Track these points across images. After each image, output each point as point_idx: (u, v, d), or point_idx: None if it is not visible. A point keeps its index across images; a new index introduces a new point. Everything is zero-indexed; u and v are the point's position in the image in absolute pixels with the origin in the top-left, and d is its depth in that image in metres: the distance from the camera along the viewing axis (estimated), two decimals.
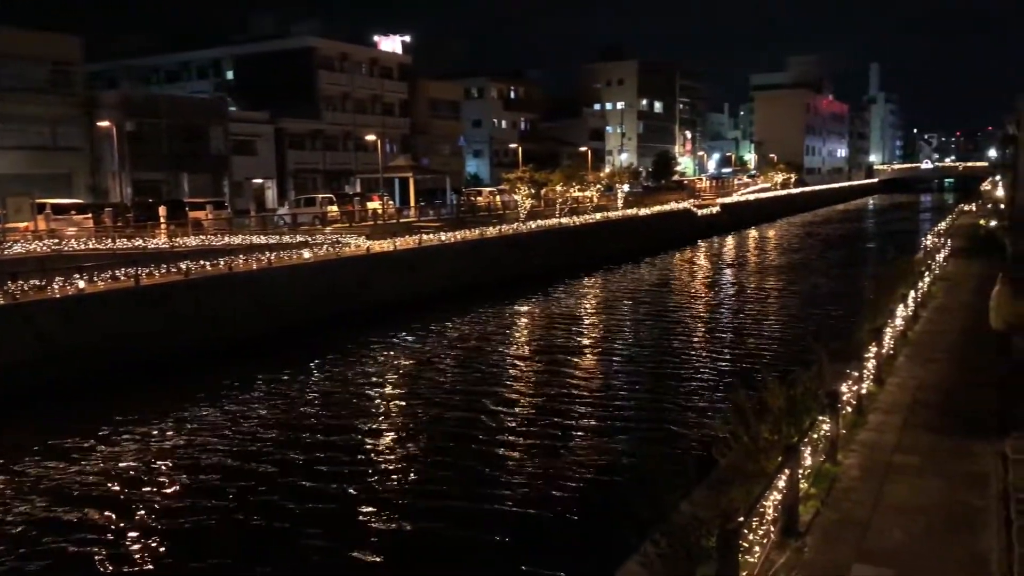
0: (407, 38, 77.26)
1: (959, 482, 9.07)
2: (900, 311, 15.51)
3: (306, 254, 30.43)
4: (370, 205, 48.59)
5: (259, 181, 60.30)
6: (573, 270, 41.19)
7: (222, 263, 26.92)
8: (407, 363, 23.44)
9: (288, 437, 16.66)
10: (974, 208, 53.83)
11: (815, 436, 8.76)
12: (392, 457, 15.49)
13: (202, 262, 26.52)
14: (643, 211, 57.19)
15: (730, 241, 61.93)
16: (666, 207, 61.46)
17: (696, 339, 25.88)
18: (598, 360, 23.32)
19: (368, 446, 16.08)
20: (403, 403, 19.51)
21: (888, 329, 13.95)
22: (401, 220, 46.52)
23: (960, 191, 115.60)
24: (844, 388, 10.27)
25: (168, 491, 14.03)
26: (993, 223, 34.45)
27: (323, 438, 16.56)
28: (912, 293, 17.26)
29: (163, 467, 15.19)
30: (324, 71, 66.66)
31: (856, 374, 10.95)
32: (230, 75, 70.71)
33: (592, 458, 14.84)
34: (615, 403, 18.60)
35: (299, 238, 34.92)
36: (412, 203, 53.78)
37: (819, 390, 9.47)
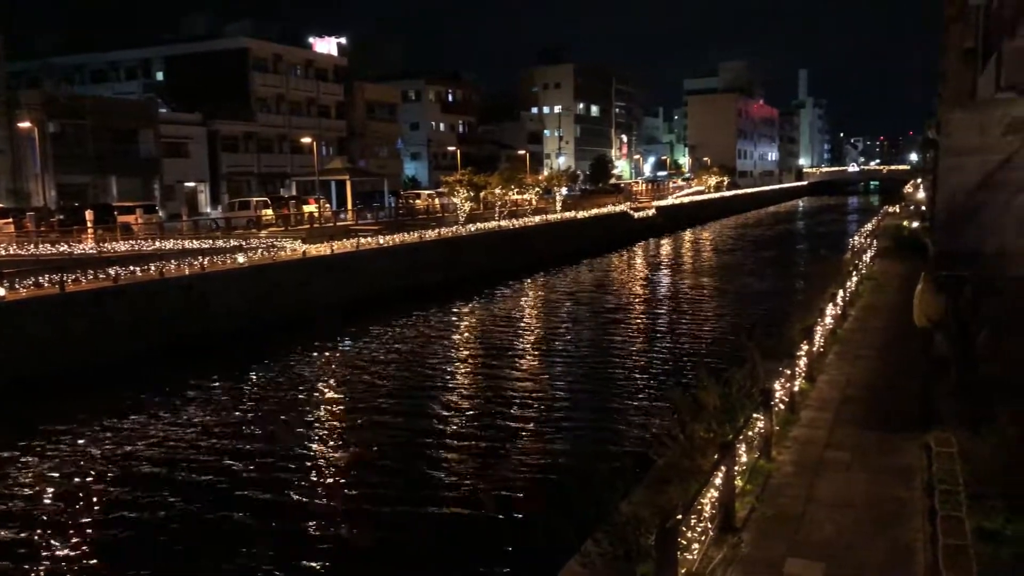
0: (343, 40, 76.49)
1: (886, 475, 9.39)
2: (830, 310, 15.99)
3: (241, 258, 29.84)
4: (306, 208, 47.97)
5: (191, 184, 58.88)
6: (513, 272, 41.32)
7: (153, 268, 26.20)
8: (346, 367, 23.19)
9: (222, 444, 16.30)
10: (898, 210, 55.79)
11: (750, 433, 8.96)
12: (329, 462, 15.30)
13: (132, 268, 25.77)
14: (581, 214, 57.71)
15: (666, 243, 62.94)
16: (603, 210, 62.11)
17: (634, 339, 26.21)
18: (539, 361, 23.44)
19: (304, 452, 15.84)
20: (341, 407, 19.29)
21: (818, 328, 14.37)
22: (338, 223, 46.00)
23: (885, 193, 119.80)
24: (777, 386, 10.53)
25: (95, 505, 13.57)
26: (916, 224, 35.77)
27: (258, 445, 16.26)
28: (841, 292, 17.81)
29: (89, 481, 14.69)
30: (258, 72, 65.50)
31: (788, 372, 11.24)
32: (160, 76, 68.92)
33: (533, 460, 14.91)
34: (556, 404, 18.72)
35: (233, 242, 34.21)
36: (349, 206, 53.20)
37: (753, 388, 9.70)
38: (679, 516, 6.28)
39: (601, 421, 17.21)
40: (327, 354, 24.85)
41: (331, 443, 16.54)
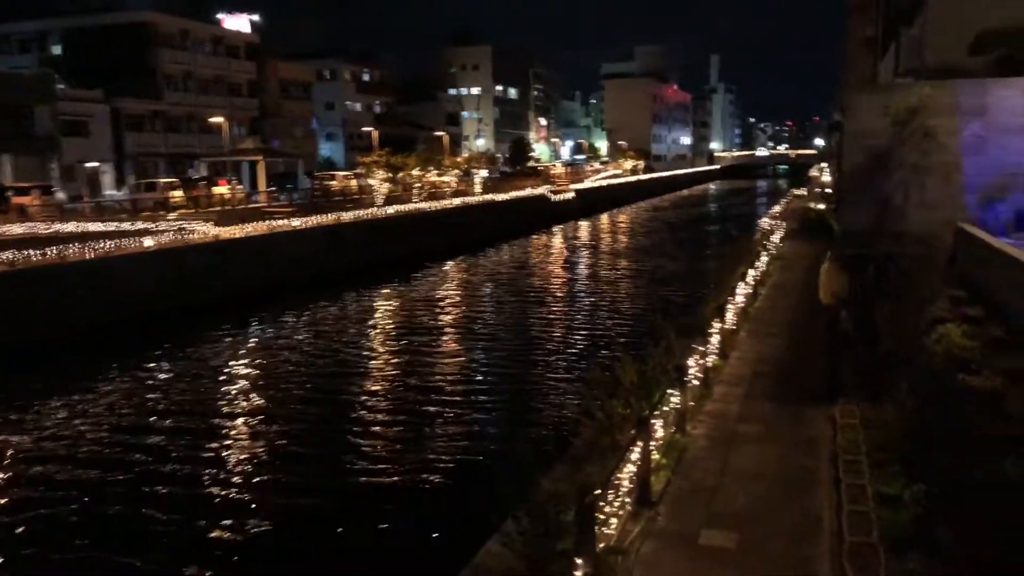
0: (255, 17, 74.13)
1: (795, 447, 9.75)
2: (741, 289, 16.46)
3: (148, 242, 28.71)
4: (217, 190, 46.49)
5: (94, 165, 56.18)
6: (433, 255, 41.05)
7: (53, 252, 24.95)
8: (261, 353, 22.65)
9: (129, 437, 15.70)
10: (805, 192, 57.79)
11: (666, 409, 9.15)
12: (242, 452, 14.92)
13: (29, 251, 24.48)
14: (501, 196, 57.73)
15: (584, 225, 63.60)
16: (522, 193, 62.28)
17: (555, 320, 26.43)
18: (460, 344, 23.39)
19: (220, 441, 15.41)
20: (255, 395, 18.82)
21: (730, 306, 14.77)
22: (251, 205, 44.79)
23: (793, 176, 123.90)
24: (691, 362, 10.79)
25: None
26: (822, 206, 37.12)
27: (168, 437, 15.72)
28: (751, 272, 18.35)
29: None
30: (164, 48, 62.82)
31: (702, 349, 11.53)
32: (58, 50, 65.33)
33: (455, 442, 14.89)
34: (477, 386, 18.73)
35: (140, 225, 32.92)
36: (262, 188, 51.82)
37: (668, 365, 9.90)
38: (597, 492, 6.36)
39: (523, 401, 17.30)
40: (241, 340, 24.20)
41: (244, 432, 16.13)
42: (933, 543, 6.34)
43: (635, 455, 7.61)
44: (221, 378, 19.98)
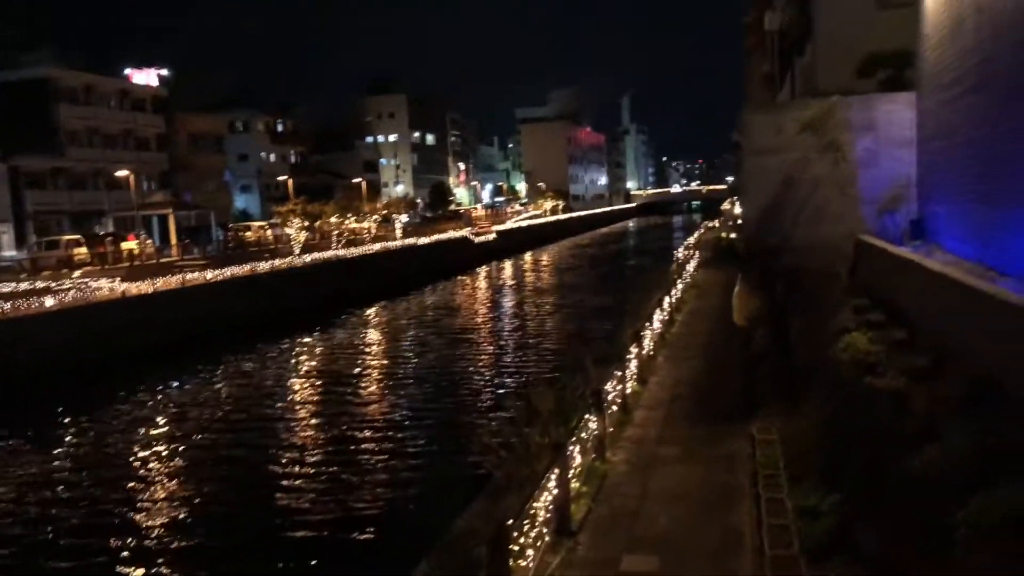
0: (164, 71, 72.68)
1: (715, 466, 9.67)
2: (657, 316, 16.53)
3: (49, 301, 27.33)
4: (125, 245, 44.82)
5: None
6: (355, 301, 40.36)
7: None
8: (174, 409, 21.60)
9: (30, 509, 14.64)
10: (717, 224, 59.30)
11: (584, 435, 8.96)
12: (162, 514, 14.06)
13: None
14: (422, 240, 57.48)
15: (508, 265, 63.77)
16: (444, 236, 62.23)
17: (479, 358, 26.19)
18: (383, 387, 22.86)
19: (127, 510, 14.49)
20: (171, 451, 17.86)
21: (647, 332, 14.78)
22: (162, 260, 43.31)
23: (706, 211, 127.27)
24: (609, 387, 10.66)
25: None
26: (733, 235, 38.07)
27: (70, 508, 14.71)
28: (667, 299, 18.50)
29: None
30: (65, 104, 60.82)
31: (620, 374, 11.42)
32: None
33: (378, 489, 14.37)
34: (404, 427, 18.31)
35: (41, 284, 31.38)
36: (173, 241, 50.26)
37: (586, 391, 9.74)
38: (509, 523, 6.09)
39: (446, 440, 16.94)
40: (153, 397, 23.08)
41: (158, 488, 15.24)
42: (853, 548, 6.27)
43: (552, 483, 7.36)
44: (129, 440, 18.92)
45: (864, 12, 13.70)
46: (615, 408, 10.97)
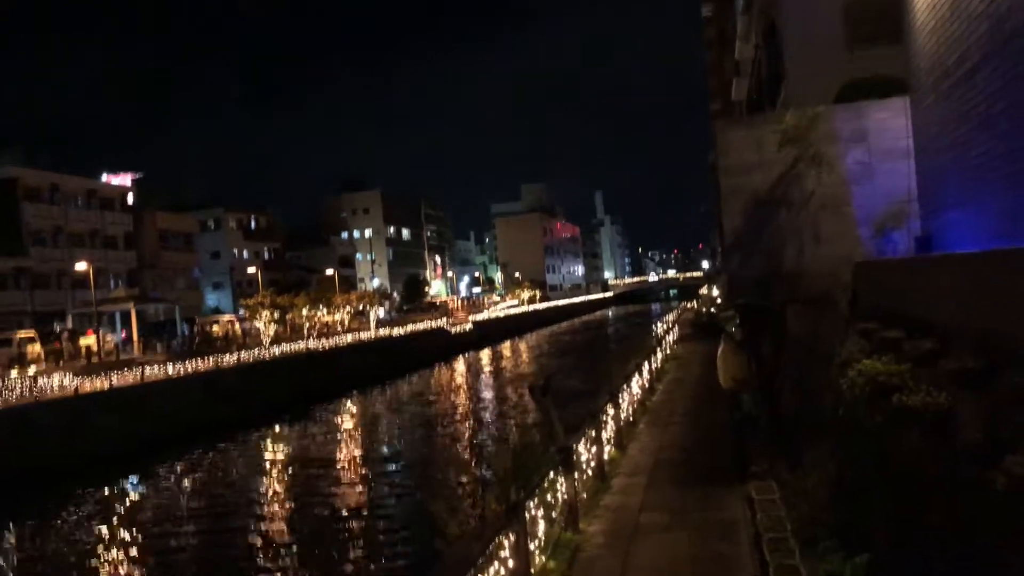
0: (139, 175, 72.50)
1: (709, 533, 8.15)
2: (636, 380, 15.15)
3: None
4: (83, 341, 43.02)
5: None
6: (330, 393, 38.64)
7: None
8: (134, 513, 19.68)
9: None
10: (695, 304, 58.56)
11: (549, 499, 7.45)
12: None
13: None
14: (397, 331, 56.11)
15: (485, 354, 62.29)
16: (420, 326, 61.00)
17: (457, 445, 24.82)
18: (357, 478, 21.57)
19: None
20: (133, 554, 15.91)
21: (625, 393, 13.37)
22: (123, 356, 41.43)
23: (683, 298, 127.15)
24: (582, 449, 9.19)
25: None
26: (712, 309, 37.03)
27: None
28: (647, 364, 17.16)
29: None
30: (30, 203, 59.74)
31: (594, 435, 9.96)
32: None
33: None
34: (375, 515, 17.23)
35: None
36: (135, 336, 48.39)
37: (551, 447, 8.27)
38: None
39: (419, 526, 15.40)
40: (109, 501, 21.11)
41: None
42: None
43: (505, 552, 5.83)
44: (79, 549, 16.97)
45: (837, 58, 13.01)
46: (590, 474, 9.47)
